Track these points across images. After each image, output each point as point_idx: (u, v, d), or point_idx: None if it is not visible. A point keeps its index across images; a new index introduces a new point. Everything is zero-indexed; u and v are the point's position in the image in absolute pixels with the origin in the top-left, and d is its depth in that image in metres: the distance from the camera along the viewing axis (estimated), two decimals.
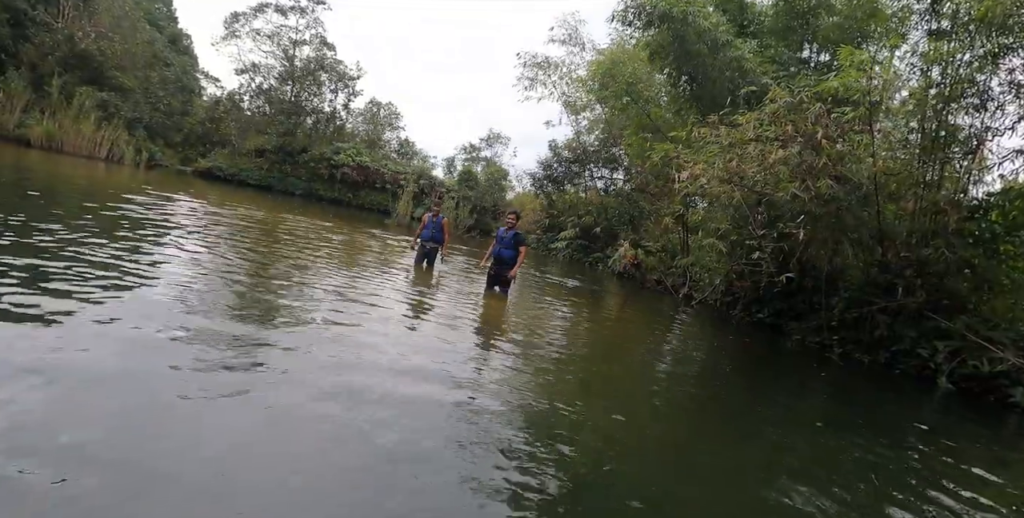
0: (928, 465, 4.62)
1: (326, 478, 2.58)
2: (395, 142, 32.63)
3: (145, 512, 2.10)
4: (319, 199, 26.81)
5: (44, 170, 14.62)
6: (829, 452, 4.48)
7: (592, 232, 19.80)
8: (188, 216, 11.00)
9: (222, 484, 2.35)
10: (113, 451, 2.40)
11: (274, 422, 2.97)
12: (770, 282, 9.34)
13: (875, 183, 8.83)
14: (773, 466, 4.00)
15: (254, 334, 4.17)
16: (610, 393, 5.17)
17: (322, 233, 12.90)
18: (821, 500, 3.40)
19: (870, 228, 9.63)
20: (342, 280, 7.41)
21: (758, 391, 6.60)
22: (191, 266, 6.17)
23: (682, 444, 4.22)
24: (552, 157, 23.13)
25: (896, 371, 8.92)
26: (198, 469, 2.40)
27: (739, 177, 8.04)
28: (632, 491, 3.08)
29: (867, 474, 4.03)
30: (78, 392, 2.81)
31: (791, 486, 3.58)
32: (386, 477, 2.66)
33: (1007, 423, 7.14)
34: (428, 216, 9.44)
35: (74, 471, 2.20)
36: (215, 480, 2.36)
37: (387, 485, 2.59)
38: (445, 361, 4.70)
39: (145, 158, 23.63)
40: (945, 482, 4.16)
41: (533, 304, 9.97)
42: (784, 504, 3.28)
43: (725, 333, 10.90)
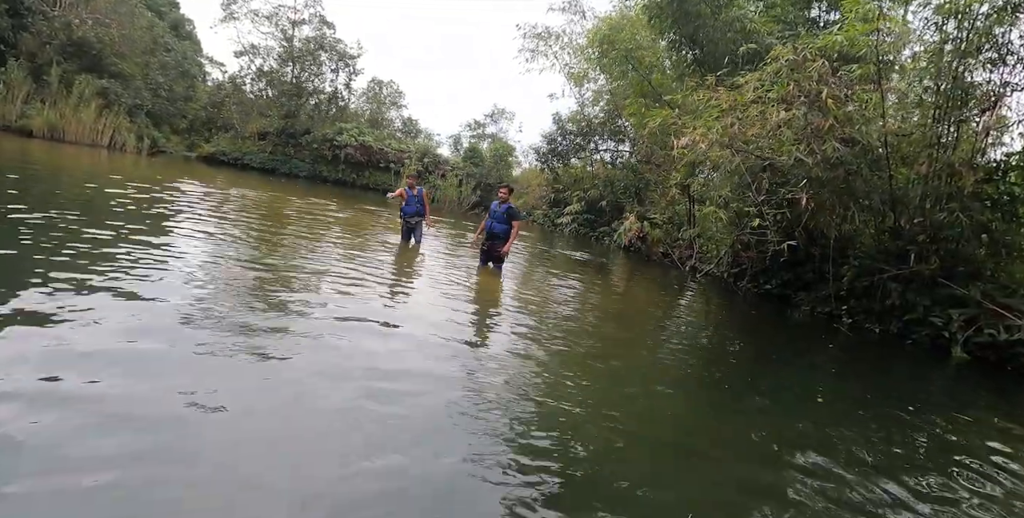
0: (940, 439, 4.37)
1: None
2: (399, 121, 32.23)
3: None
4: (323, 180, 26.67)
5: (48, 161, 14.57)
6: (833, 428, 4.22)
7: (598, 206, 19.42)
8: (194, 200, 10.86)
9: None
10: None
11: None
12: (776, 252, 8.98)
13: (886, 145, 8.38)
14: (772, 443, 3.76)
15: (251, 323, 4.00)
16: (612, 368, 5.02)
17: (317, 213, 12.72)
18: (819, 480, 3.17)
19: (881, 193, 9.20)
20: (331, 260, 7.24)
21: (762, 364, 6.34)
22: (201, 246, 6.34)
23: (680, 420, 4.03)
24: (556, 130, 22.61)
25: (908, 341, 8.59)
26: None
27: (740, 141, 7.64)
28: (629, 468, 3.00)
29: (871, 450, 3.78)
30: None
31: (789, 464, 3.37)
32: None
33: None
34: (406, 191, 9.12)
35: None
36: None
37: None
38: (444, 337, 4.66)
39: (147, 145, 23.54)
40: (957, 457, 3.92)
41: (538, 279, 9.82)
42: (780, 484, 3.07)
43: (732, 305, 10.61)
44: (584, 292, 9.24)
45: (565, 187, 22.37)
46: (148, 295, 4.18)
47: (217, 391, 2.90)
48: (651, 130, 9.24)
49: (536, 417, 3.39)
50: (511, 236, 7.92)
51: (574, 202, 20.47)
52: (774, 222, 8.52)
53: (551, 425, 3.33)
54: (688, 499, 2.81)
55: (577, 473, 2.82)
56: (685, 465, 3.29)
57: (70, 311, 3.55)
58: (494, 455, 2.81)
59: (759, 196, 7.82)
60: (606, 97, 19.68)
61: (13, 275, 4.12)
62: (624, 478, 2.85)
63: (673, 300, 10.38)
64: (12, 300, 3.59)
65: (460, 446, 2.86)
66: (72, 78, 22.00)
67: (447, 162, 27.60)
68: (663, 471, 3.17)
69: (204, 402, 2.76)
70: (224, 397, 2.84)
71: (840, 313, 9.48)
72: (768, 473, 3.28)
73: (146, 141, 23.55)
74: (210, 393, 2.85)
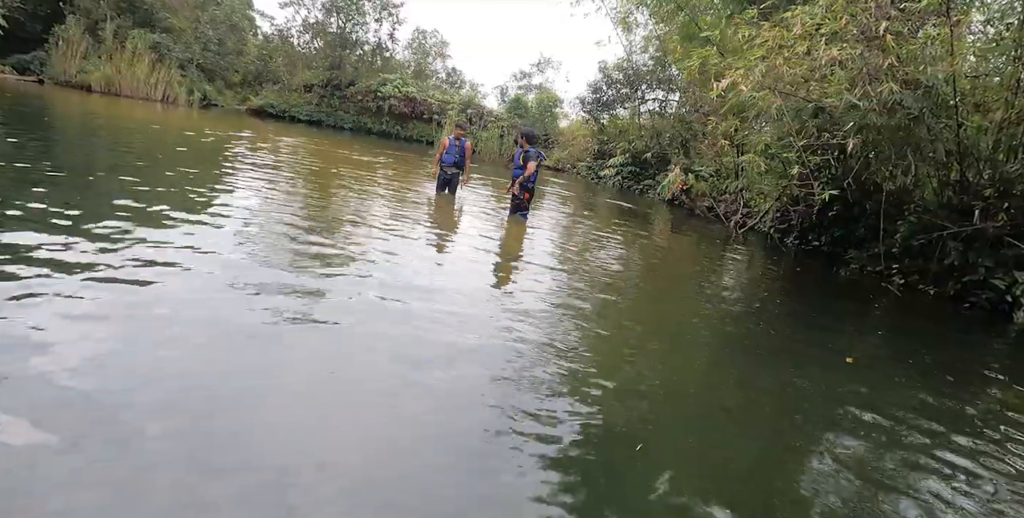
0: (991, 413, 3.99)
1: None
2: (443, 72, 31.60)
3: None
4: (368, 132, 26.70)
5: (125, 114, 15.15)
6: (875, 393, 3.93)
7: (643, 158, 18.65)
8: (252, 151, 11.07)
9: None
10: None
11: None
12: (824, 206, 8.37)
13: (954, 88, 7.51)
14: (804, 407, 3.55)
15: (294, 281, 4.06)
16: (651, 325, 4.96)
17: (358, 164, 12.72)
18: (852, 452, 2.93)
19: (947, 142, 8.35)
20: (367, 210, 7.42)
21: (801, 324, 5.97)
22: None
23: (714, 384, 3.86)
24: (601, 79, 21.61)
25: (966, 305, 7.94)
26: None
27: (784, 83, 7.00)
28: (659, 432, 2.93)
29: (912, 423, 3.48)
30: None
31: (821, 434, 3.14)
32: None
33: None
34: (450, 139, 8.87)
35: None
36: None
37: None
38: (479, 287, 4.83)
39: (198, 98, 23.97)
40: (1009, 431, 3.56)
41: (577, 231, 9.68)
42: (809, 455, 2.90)
43: (777, 262, 10.08)
44: (624, 246, 8.97)
45: (610, 139, 21.55)
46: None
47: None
48: (690, 71, 8.56)
49: (569, 373, 3.36)
50: (521, 177, 7.86)
51: (618, 154, 19.74)
52: (820, 172, 7.86)
53: (583, 380, 3.30)
54: (710, 457, 2.67)
55: (608, 430, 2.79)
56: (717, 425, 3.15)
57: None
58: (530, 412, 2.81)
59: (799, 141, 7.18)
60: (655, 43, 18.55)
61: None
62: (651, 433, 2.81)
63: (715, 256, 9.94)
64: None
65: (494, 400, 2.87)
66: (125, 33, 22.43)
67: (491, 113, 27.03)
68: (692, 429, 3.07)
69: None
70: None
71: (892, 272, 8.84)
72: (797, 436, 3.14)
73: (196, 95, 23.97)
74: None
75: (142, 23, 23.39)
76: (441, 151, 8.88)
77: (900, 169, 8.45)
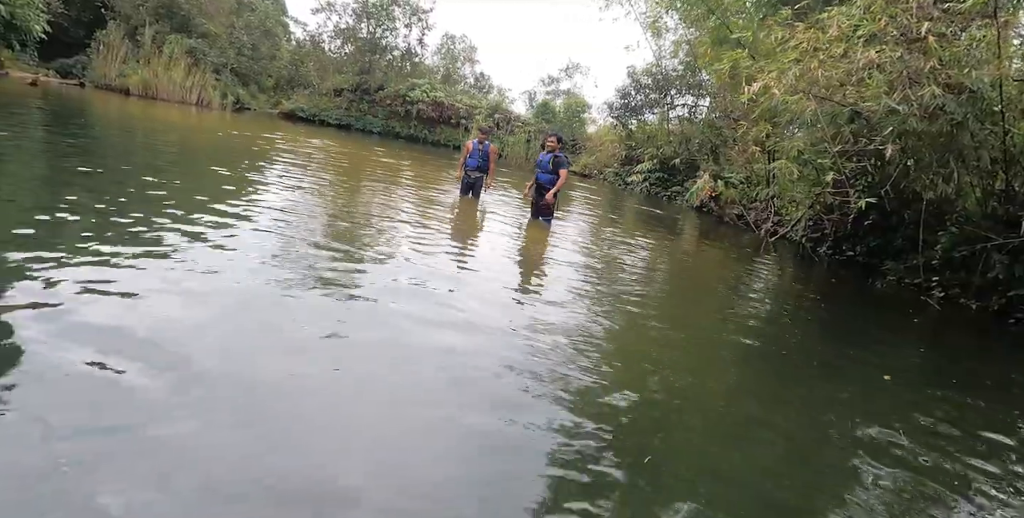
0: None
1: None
2: (471, 77, 31.71)
3: None
4: (396, 136, 26.91)
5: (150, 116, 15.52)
6: (906, 415, 3.67)
7: (671, 164, 18.35)
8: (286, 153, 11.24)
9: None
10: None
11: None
12: (860, 215, 8.05)
13: (1001, 93, 7.15)
14: (829, 423, 3.33)
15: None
16: (676, 334, 4.81)
17: (386, 167, 12.75)
18: (873, 472, 2.72)
19: (992, 149, 7.96)
20: (388, 212, 7.46)
21: (832, 337, 5.72)
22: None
23: (734, 395, 3.70)
24: (630, 84, 21.37)
25: (1011, 320, 7.53)
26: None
27: (819, 86, 6.75)
28: (670, 442, 2.84)
29: (948, 441, 3.24)
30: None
31: (842, 452, 2.93)
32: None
33: None
34: (473, 143, 8.82)
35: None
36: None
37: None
38: (497, 290, 4.81)
39: (231, 102, 24.44)
40: None
41: (602, 237, 9.56)
42: (826, 471, 2.71)
43: (809, 272, 9.76)
44: (650, 253, 8.78)
45: (638, 144, 21.27)
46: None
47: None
48: (720, 75, 8.35)
49: (592, 379, 3.30)
50: (556, 185, 7.61)
51: (646, 160, 19.46)
52: (857, 179, 7.56)
53: (606, 387, 3.23)
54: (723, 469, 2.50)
55: (625, 439, 2.69)
56: (732, 436, 3.00)
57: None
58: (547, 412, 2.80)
59: (834, 147, 6.91)
60: (685, 48, 18.24)
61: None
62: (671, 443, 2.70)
63: (744, 265, 9.65)
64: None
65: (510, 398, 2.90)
66: (163, 38, 23.01)
67: (518, 118, 27.00)
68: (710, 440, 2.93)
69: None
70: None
71: (931, 285, 8.45)
72: (829, 452, 2.96)
73: (230, 98, 24.45)
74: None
75: (179, 28, 23.98)
76: (465, 155, 8.82)
77: (941, 177, 8.08)
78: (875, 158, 7.32)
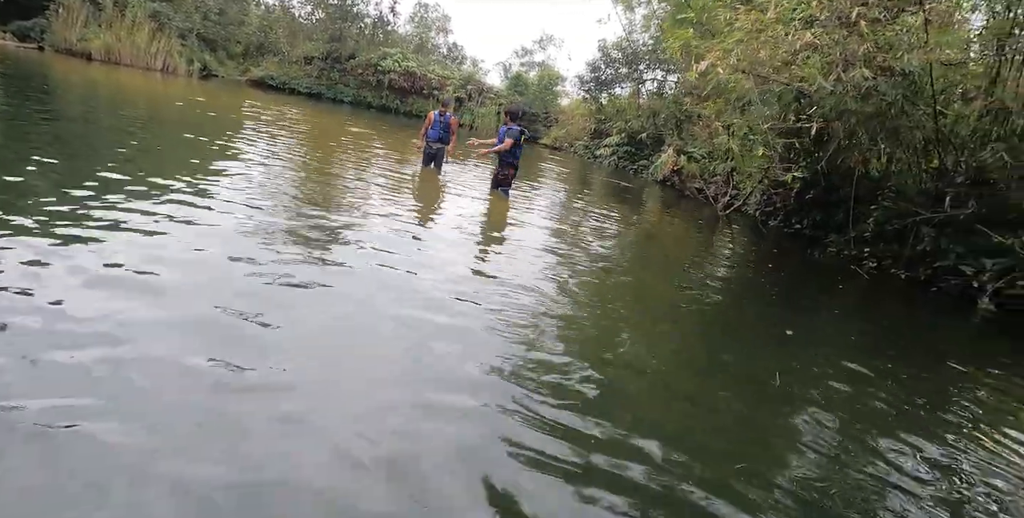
0: (941, 391, 4.25)
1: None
2: (444, 47, 31.38)
3: None
4: (368, 106, 26.69)
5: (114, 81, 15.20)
6: (822, 371, 4.16)
7: (639, 138, 18.71)
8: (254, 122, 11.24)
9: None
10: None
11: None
12: (802, 190, 8.52)
13: (931, 76, 7.59)
14: (753, 382, 3.76)
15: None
16: (627, 302, 5.13)
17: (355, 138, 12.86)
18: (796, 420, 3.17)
19: (925, 129, 8.45)
20: (350, 185, 7.62)
21: (763, 302, 6.21)
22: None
23: (673, 356, 4.05)
24: (600, 58, 21.51)
25: (934, 289, 8.16)
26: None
27: (763, 67, 7.11)
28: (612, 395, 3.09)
29: (862, 395, 3.73)
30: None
31: (768, 401, 3.37)
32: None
33: None
34: (435, 114, 9.06)
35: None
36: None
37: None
38: (458, 260, 5.00)
39: (198, 68, 23.95)
40: (949, 411, 3.82)
41: (566, 208, 9.96)
42: (764, 419, 3.11)
43: (759, 244, 10.27)
44: (613, 224, 9.20)
45: (607, 118, 21.55)
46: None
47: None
48: (673, 52, 8.65)
49: (548, 343, 3.57)
50: (494, 147, 8.21)
51: (615, 134, 19.78)
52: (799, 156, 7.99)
53: (561, 349, 3.52)
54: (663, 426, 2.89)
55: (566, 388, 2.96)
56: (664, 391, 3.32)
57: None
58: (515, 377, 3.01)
59: (766, 123, 7.32)
60: (655, 23, 18.42)
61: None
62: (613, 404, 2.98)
63: (700, 237, 10.13)
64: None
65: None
66: (125, 1, 22.31)
67: (491, 90, 26.96)
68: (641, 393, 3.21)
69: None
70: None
71: (864, 256, 9.03)
72: (760, 409, 3.34)
73: (196, 65, 23.95)
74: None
75: None
76: (427, 126, 9.06)
77: (876, 155, 8.57)
78: (814, 135, 7.74)
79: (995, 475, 2.98)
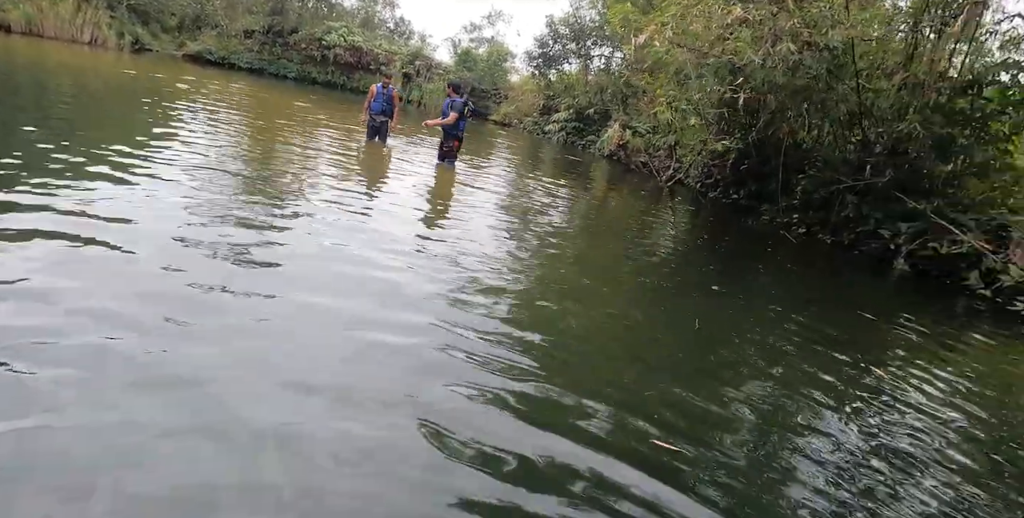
0: (846, 334, 4.68)
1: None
2: (391, 22, 30.71)
3: None
4: (312, 82, 25.96)
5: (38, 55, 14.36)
6: (748, 326, 4.50)
7: (586, 114, 18.99)
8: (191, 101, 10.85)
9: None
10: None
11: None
12: (736, 161, 8.95)
13: (853, 52, 8.07)
14: (688, 341, 4.05)
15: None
16: (573, 270, 5.26)
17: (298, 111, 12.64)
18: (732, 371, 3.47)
19: (849, 103, 8.98)
20: (295, 157, 7.51)
21: (698, 267, 6.59)
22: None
23: (607, 310, 4.25)
24: (548, 34, 21.58)
25: (856, 252, 8.78)
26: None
27: (699, 41, 7.41)
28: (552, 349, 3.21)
29: (767, 343, 4.08)
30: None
31: (702, 358, 3.66)
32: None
33: (955, 304, 7.04)
34: (377, 87, 9.08)
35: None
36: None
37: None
38: (407, 231, 5.02)
39: (129, 42, 22.78)
40: (854, 350, 4.21)
41: (513, 182, 10.10)
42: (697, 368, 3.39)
43: (698, 214, 10.74)
44: (561, 197, 9.41)
45: (556, 94, 21.73)
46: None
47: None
48: (613, 26, 8.89)
49: (489, 307, 3.66)
50: (439, 121, 8.39)
51: (563, 109, 19.99)
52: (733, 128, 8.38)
53: (504, 309, 3.66)
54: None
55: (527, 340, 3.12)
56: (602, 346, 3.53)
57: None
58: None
59: (696, 94, 7.68)
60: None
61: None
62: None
63: (643, 208, 10.49)
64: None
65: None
66: None
67: (439, 66, 26.66)
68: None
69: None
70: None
71: (793, 222, 9.60)
72: (688, 360, 3.62)
73: (127, 38, 22.76)
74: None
75: None
76: (369, 99, 9.07)
77: (801, 127, 9.06)
78: (745, 108, 8.14)
79: (880, 394, 3.41)
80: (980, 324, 6.12)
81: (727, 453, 2.47)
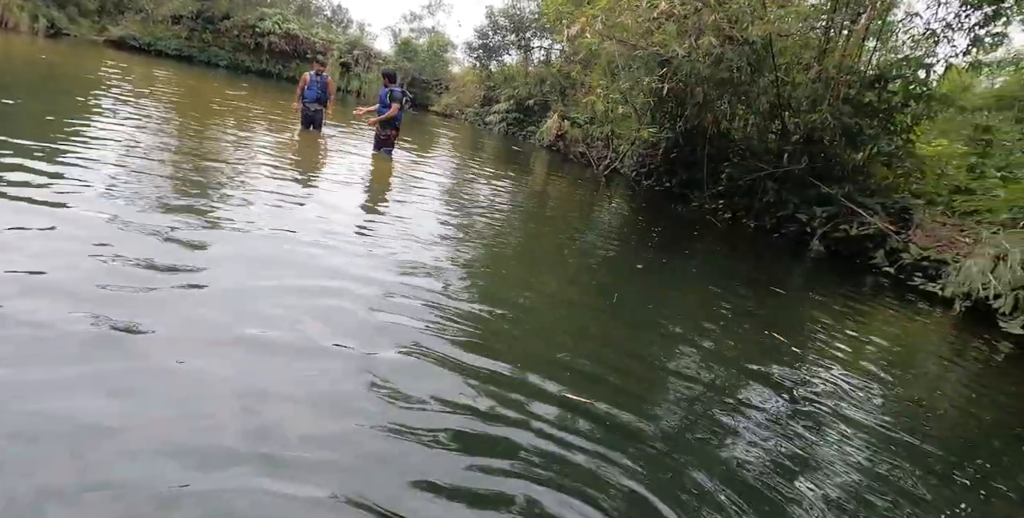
0: (756, 306, 5.04)
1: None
2: (328, 9, 30.02)
3: None
4: (246, 71, 25.09)
5: None
6: (674, 300, 4.78)
7: (526, 105, 19.23)
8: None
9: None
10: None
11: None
12: (667, 150, 9.35)
13: (771, 46, 8.56)
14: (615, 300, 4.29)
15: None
16: (513, 253, 5.43)
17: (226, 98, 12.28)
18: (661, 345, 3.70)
19: (770, 95, 9.52)
20: (226, 146, 7.30)
21: (632, 248, 6.89)
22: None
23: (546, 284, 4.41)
24: (488, 25, 21.66)
25: (776, 235, 9.35)
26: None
27: (629, 33, 7.70)
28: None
29: (679, 312, 4.36)
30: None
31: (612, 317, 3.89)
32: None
33: (864, 281, 7.62)
34: (311, 75, 8.92)
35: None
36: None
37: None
38: (347, 222, 4.94)
39: (44, 25, 21.44)
40: (758, 318, 4.56)
41: (452, 172, 10.14)
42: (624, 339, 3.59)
43: (631, 201, 11.12)
44: (502, 186, 9.57)
45: (497, 85, 21.87)
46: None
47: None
48: (548, 18, 9.12)
49: (435, 285, 3.79)
50: (384, 115, 8.25)
51: (504, 100, 20.16)
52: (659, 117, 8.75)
53: (447, 288, 3.77)
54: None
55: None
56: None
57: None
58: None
59: (625, 84, 8.01)
60: None
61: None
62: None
63: (581, 197, 10.79)
64: None
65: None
66: None
67: (378, 55, 26.29)
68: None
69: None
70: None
71: (720, 208, 10.11)
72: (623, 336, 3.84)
73: (42, 21, 21.42)
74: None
75: None
76: (302, 87, 8.92)
77: (724, 117, 9.54)
78: (671, 98, 8.51)
79: (798, 361, 3.76)
80: (884, 297, 6.71)
81: (634, 403, 2.73)
